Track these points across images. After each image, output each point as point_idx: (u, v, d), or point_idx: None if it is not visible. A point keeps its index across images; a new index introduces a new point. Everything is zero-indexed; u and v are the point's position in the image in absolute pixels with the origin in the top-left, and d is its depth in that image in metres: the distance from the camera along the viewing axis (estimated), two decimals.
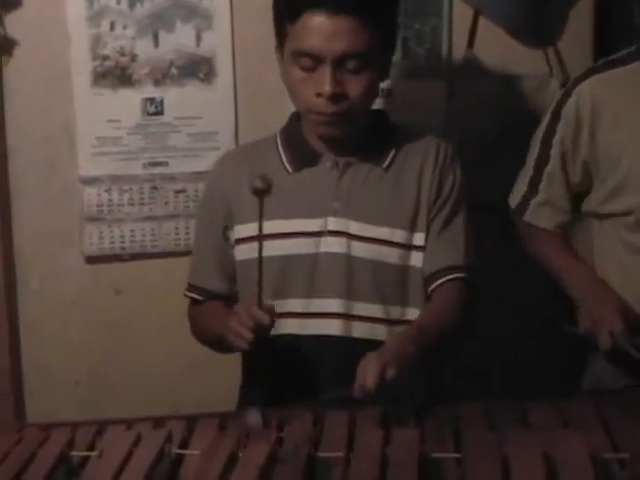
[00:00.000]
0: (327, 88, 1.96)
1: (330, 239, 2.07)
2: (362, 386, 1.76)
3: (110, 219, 2.65)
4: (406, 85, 2.60)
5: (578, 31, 2.71)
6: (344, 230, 2.07)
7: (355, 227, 2.07)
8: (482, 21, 2.65)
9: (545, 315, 2.68)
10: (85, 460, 1.67)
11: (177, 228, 2.66)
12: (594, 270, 2.29)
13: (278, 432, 1.72)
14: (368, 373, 1.77)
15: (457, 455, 1.59)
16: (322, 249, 2.07)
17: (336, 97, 1.97)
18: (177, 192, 2.65)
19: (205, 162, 2.62)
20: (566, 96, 2.25)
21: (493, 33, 2.66)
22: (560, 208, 2.31)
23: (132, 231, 2.66)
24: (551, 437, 1.62)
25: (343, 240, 2.07)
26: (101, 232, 2.65)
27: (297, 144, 2.14)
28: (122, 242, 2.66)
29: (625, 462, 1.55)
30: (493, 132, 2.67)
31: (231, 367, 2.18)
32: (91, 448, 1.71)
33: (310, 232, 2.08)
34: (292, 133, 2.17)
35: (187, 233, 2.65)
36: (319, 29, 1.94)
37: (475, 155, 2.50)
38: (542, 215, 2.32)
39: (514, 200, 2.36)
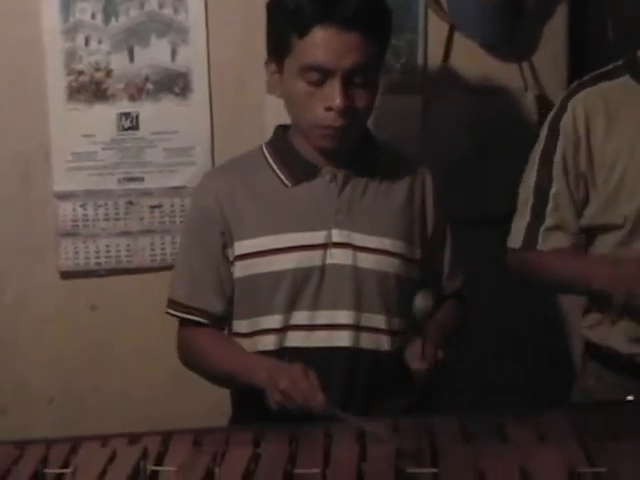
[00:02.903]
0: (338, 102, 1.96)
1: (335, 251, 2.07)
2: (420, 370, 1.90)
3: (85, 234, 2.63)
4: (382, 99, 2.59)
5: (553, 45, 2.72)
6: (349, 242, 2.07)
7: (359, 238, 2.08)
8: (457, 36, 2.66)
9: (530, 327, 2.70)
10: (59, 477, 1.65)
11: (152, 243, 2.65)
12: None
13: (255, 448, 1.71)
14: (424, 356, 1.90)
15: (434, 470, 1.59)
16: (328, 261, 2.07)
17: (346, 111, 1.98)
18: (152, 207, 2.64)
19: (181, 177, 2.61)
20: (562, 110, 2.24)
21: (468, 47, 2.67)
22: (571, 232, 2.24)
23: (107, 246, 2.64)
24: (527, 451, 1.62)
25: (349, 252, 2.07)
26: (76, 247, 2.63)
27: (291, 158, 2.12)
28: (97, 257, 2.65)
29: (601, 476, 1.56)
30: (468, 145, 2.68)
31: (207, 383, 2.16)
32: (65, 465, 1.68)
33: (315, 245, 2.07)
34: (282, 147, 2.15)
35: (162, 249, 2.64)
36: (330, 44, 1.95)
37: (450, 169, 2.51)
38: (556, 238, 2.23)
39: (516, 239, 2.27)
